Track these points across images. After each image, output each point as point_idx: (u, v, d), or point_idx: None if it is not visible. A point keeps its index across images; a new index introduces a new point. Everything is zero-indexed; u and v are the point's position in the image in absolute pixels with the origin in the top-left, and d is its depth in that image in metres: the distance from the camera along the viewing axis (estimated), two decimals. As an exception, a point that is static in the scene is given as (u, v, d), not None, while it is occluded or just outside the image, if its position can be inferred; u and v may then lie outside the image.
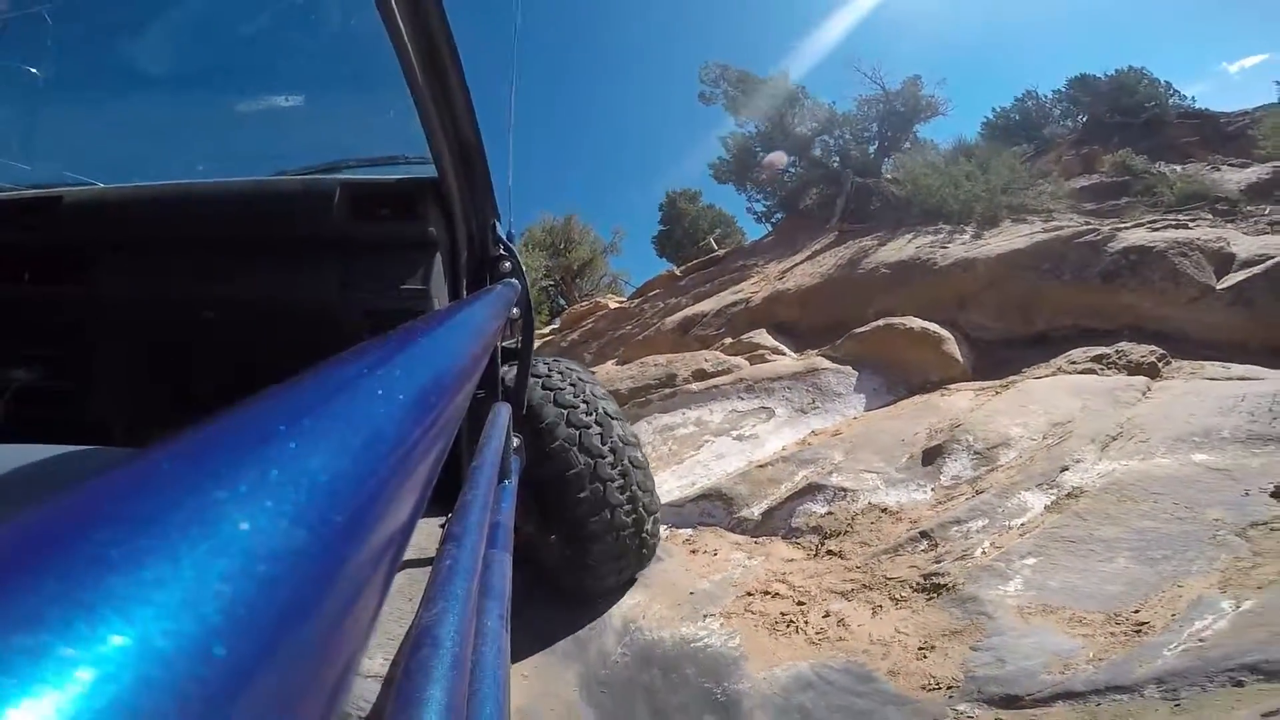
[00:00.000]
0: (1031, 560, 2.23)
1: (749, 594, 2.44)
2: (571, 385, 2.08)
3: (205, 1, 2.19)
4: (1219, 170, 7.49)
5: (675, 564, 2.65)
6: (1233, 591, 1.86)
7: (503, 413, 1.26)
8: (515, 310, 1.50)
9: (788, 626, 2.22)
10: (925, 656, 1.93)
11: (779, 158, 10.83)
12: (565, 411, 1.99)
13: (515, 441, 1.46)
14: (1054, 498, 2.60)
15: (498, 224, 1.60)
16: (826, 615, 2.25)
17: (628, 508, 2.02)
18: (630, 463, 2.05)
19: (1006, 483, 2.81)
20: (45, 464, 0.79)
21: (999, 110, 11.71)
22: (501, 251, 1.60)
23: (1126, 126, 9.35)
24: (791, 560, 2.81)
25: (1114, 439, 2.94)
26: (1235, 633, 1.70)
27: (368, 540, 0.17)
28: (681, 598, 2.36)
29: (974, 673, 1.81)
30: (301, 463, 0.16)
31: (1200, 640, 1.71)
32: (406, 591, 1.15)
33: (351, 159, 1.64)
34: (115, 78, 2.05)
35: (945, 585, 2.21)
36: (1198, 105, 9.96)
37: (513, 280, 1.46)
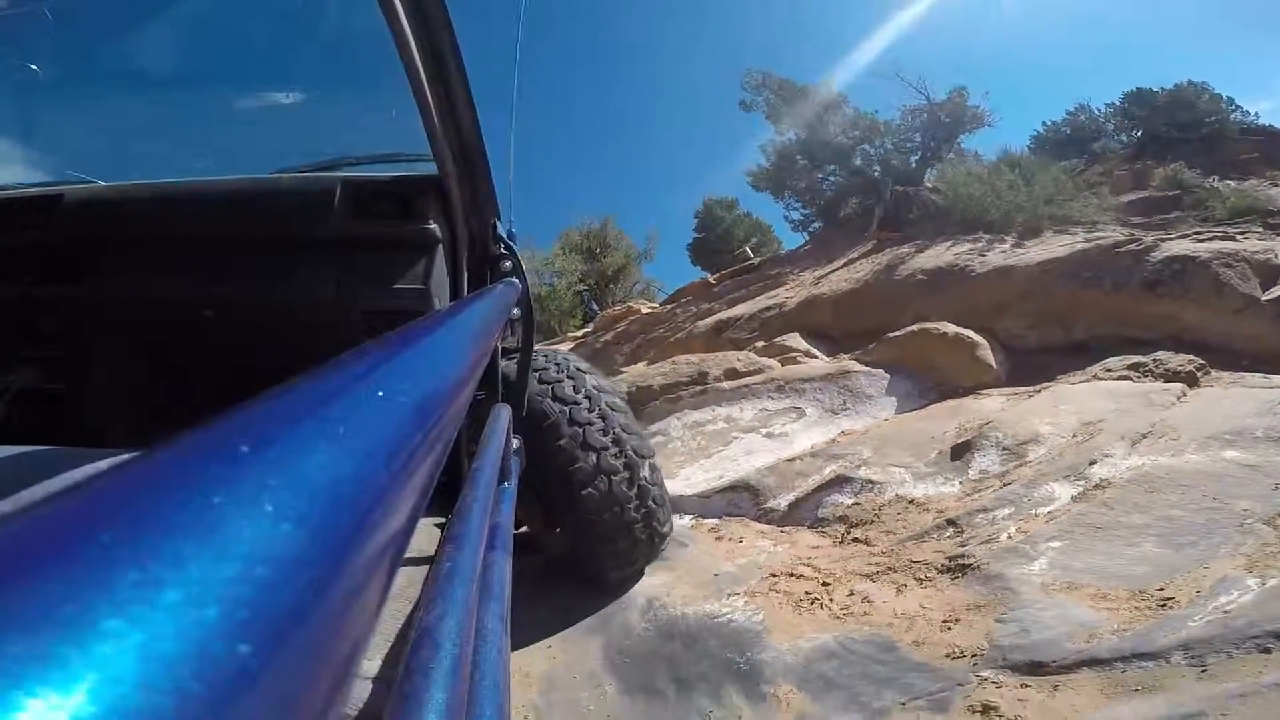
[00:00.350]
0: (1057, 543, 2.25)
1: (774, 575, 2.45)
2: (544, 356, 2.12)
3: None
4: (1278, 185, 7.28)
5: (700, 549, 2.69)
6: (1259, 571, 1.87)
7: (503, 415, 1.25)
8: (516, 310, 1.48)
9: (812, 604, 2.24)
10: (949, 628, 1.96)
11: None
12: (536, 373, 2.00)
13: (515, 443, 1.44)
14: (1082, 488, 2.60)
15: (499, 222, 1.60)
16: (851, 594, 2.26)
17: (614, 450, 1.97)
18: (608, 406, 2.03)
19: (1034, 475, 2.81)
20: (43, 466, 0.79)
21: (1049, 124, 11.45)
22: (502, 250, 1.60)
23: (1184, 142, 8.98)
24: (817, 547, 2.84)
25: (1144, 436, 2.93)
26: (1261, 605, 1.72)
27: (368, 542, 0.18)
28: (706, 579, 2.39)
29: (998, 642, 1.84)
30: (302, 465, 0.17)
31: (1226, 612, 1.73)
32: (406, 592, 1.13)
33: (351, 156, 1.65)
34: (115, 76, 2.06)
35: (970, 566, 2.24)
36: (1261, 121, 9.52)
37: (513, 279, 1.46)
